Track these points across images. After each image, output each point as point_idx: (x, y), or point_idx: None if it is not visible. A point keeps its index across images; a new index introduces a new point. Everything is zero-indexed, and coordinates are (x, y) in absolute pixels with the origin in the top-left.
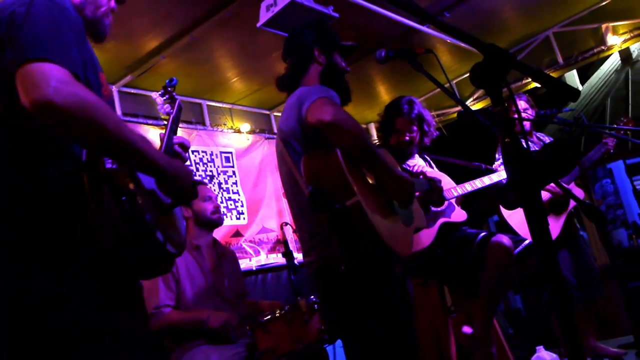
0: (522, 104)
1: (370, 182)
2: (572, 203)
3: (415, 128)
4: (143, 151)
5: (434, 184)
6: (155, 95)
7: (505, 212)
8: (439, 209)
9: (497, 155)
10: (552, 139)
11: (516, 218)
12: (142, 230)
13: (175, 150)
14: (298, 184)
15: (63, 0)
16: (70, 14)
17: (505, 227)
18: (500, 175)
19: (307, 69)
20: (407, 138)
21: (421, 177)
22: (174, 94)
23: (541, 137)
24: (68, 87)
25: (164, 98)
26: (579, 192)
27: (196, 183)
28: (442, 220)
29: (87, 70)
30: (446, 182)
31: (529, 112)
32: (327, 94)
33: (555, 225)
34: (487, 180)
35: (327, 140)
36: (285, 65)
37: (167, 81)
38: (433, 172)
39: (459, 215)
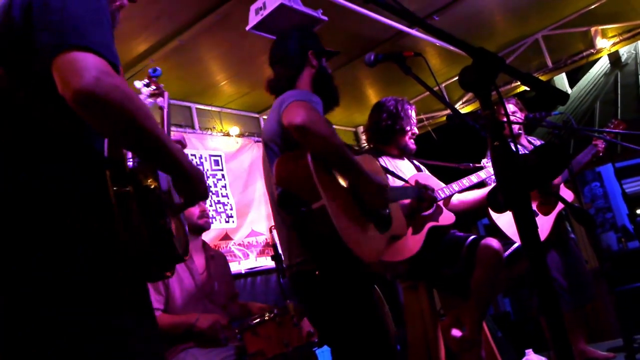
0: (510, 108)
1: (345, 186)
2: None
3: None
4: (172, 150)
5: (425, 192)
6: (139, 84)
7: (494, 215)
8: (426, 213)
9: (486, 159)
10: (542, 142)
11: (505, 221)
12: (163, 232)
13: None
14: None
15: None
16: (105, 3)
17: (494, 230)
18: (487, 172)
19: (301, 72)
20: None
21: (414, 183)
22: (161, 85)
23: (532, 141)
24: (109, 78)
25: (150, 89)
26: (568, 194)
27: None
28: (430, 224)
29: (117, 60)
30: (434, 183)
31: (518, 115)
32: (306, 98)
33: (544, 225)
34: (474, 179)
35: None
36: (272, 69)
37: (150, 70)
38: (422, 175)
39: (446, 218)
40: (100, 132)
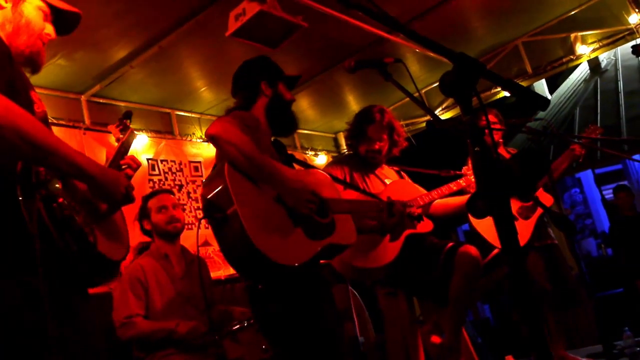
0: (491, 118)
1: (272, 194)
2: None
3: (385, 137)
4: (68, 157)
5: (394, 208)
6: (111, 126)
7: (474, 221)
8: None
9: (467, 166)
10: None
11: (486, 227)
12: (75, 234)
13: (118, 168)
14: None
15: None
16: None
17: (474, 237)
18: (467, 180)
19: (255, 102)
20: (377, 147)
21: (390, 188)
22: (128, 124)
23: (511, 152)
24: None
25: (119, 128)
26: (547, 198)
27: (130, 189)
28: (408, 231)
29: (14, 88)
30: (413, 191)
31: (498, 127)
32: (231, 115)
33: (525, 230)
34: (454, 187)
35: None
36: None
37: (123, 113)
38: (401, 182)
39: (425, 225)
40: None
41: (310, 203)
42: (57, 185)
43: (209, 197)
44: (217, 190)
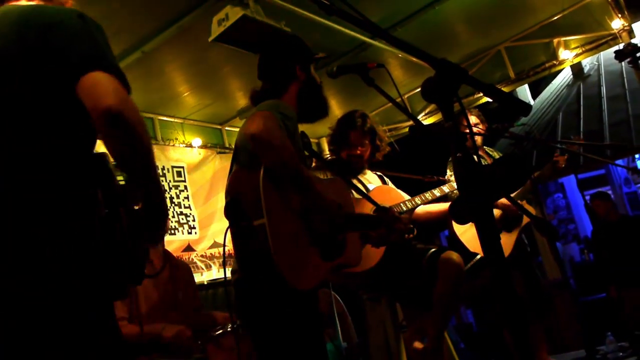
0: (473, 119)
1: (296, 209)
2: (525, 220)
3: (367, 142)
4: (155, 172)
5: (397, 224)
6: None
7: (457, 229)
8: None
9: (448, 172)
10: (501, 154)
11: (467, 233)
12: (142, 252)
13: None
14: None
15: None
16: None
17: (455, 242)
18: (451, 186)
19: (288, 87)
20: (359, 152)
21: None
22: None
23: (490, 152)
24: (131, 102)
25: None
26: (530, 210)
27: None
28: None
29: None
30: (396, 196)
31: (480, 127)
32: (272, 109)
33: (507, 243)
34: (437, 193)
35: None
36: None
37: None
38: (383, 187)
39: None
40: (114, 149)
41: (337, 224)
42: (136, 198)
43: (235, 198)
44: (246, 194)
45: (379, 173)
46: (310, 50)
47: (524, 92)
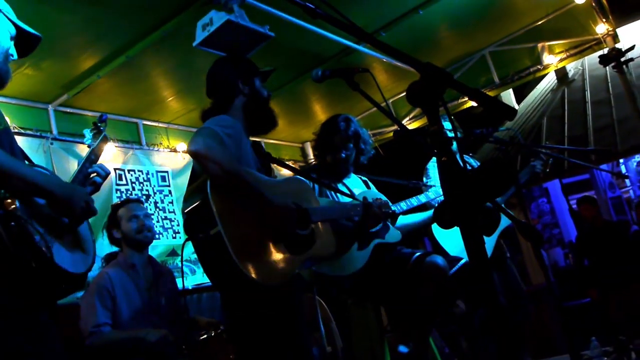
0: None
1: (254, 211)
2: (504, 221)
3: (351, 146)
4: (27, 177)
5: (370, 208)
6: (87, 130)
7: (437, 235)
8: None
9: (424, 179)
10: (477, 162)
11: (449, 238)
12: (33, 251)
13: (87, 176)
14: None
15: None
16: None
17: (436, 247)
18: (436, 192)
19: (233, 102)
20: (344, 155)
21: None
22: (102, 128)
23: (467, 159)
24: None
25: (93, 132)
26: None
27: (91, 202)
28: (376, 241)
29: None
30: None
31: (463, 137)
32: (214, 125)
33: (487, 245)
34: (422, 198)
35: None
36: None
37: (98, 117)
38: (369, 192)
39: (393, 235)
40: None
41: (291, 220)
42: (12, 204)
43: (190, 213)
44: (199, 208)
45: (363, 178)
46: (255, 65)
47: (508, 96)
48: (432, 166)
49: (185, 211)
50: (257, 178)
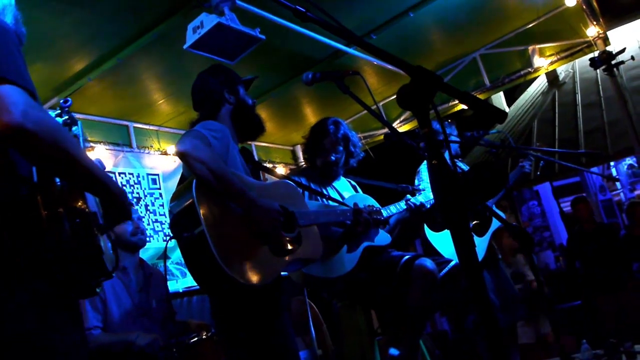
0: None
1: (239, 212)
2: (496, 223)
3: (341, 148)
4: (98, 175)
5: (360, 216)
6: (52, 114)
7: (429, 234)
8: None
9: (416, 181)
10: (467, 166)
11: (442, 239)
12: (94, 252)
13: None
14: None
15: (4, 23)
16: (14, 37)
17: (429, 249)
18: (425, 196)
19: (219, 111)
20: (333, 158)
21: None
22: (72, 114)
23: (458, 164)
24: (35, 111)
25: (64, 118)
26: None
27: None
28: (365, 244)
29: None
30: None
31: (454, 139)
32: (200, 128)
33: (480, 246)
34: (410, 204)
35: None
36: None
37: (61, 102)
38: (357, 196)
39: (382, 238)
40: (32, 162)
41: (276, 221)
42: (79, 200)
43: (176, 213)
44: (184, 207)
45: (352, 182)
46: (237, 75)
47: (499, 99)
48: (425, 169)
49: (171, 210)
50: (243, 180)
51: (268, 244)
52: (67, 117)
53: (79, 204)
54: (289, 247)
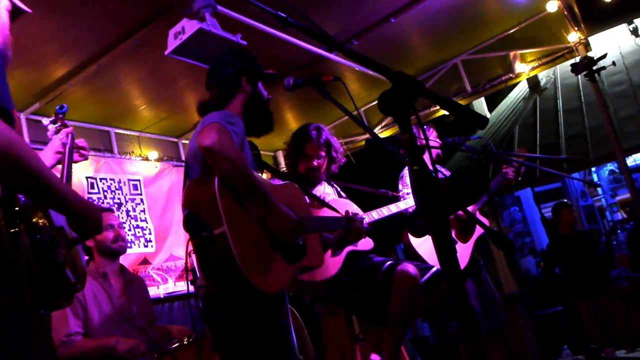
0: (433, 134)
1: (255, 214)
2: (479, 230)
3: (323, 154)
4: (59, 190)
5: (353, 224)
6: (46, 121)
7: (413, 240)
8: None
9: (400, 186)
10: (448, 172)
11: (424, 246)
12: (54, 267)
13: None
14: None
15: None
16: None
17: (411, 255)
18: (407, 203)
19: (233, 98)
20: (315, 164)
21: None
22: (66, 121)
23: (441, 170)
24: None
25: (56, 125)
26: (483, 220)
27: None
28: (349, 248)
29: (9, 105)
30: (353, 210)
31: (436, 144)
32: (223, 120)
33: (463, 253)
34: (394, 208)
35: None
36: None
37: (57, 108)
38: (340, 200)
39: (365, 244)
40: None
41: (293, 232)
42: (41, 217)
43: (193, 211)
44: (204, 206)
45: (335, 186)
46: (260, 66)
47: (480, 105)
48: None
49: (188, 207)
50: (263, 180)
51: (280, 250)
52: (60, 124)
53: (41, 220)
54: (298, 254)
